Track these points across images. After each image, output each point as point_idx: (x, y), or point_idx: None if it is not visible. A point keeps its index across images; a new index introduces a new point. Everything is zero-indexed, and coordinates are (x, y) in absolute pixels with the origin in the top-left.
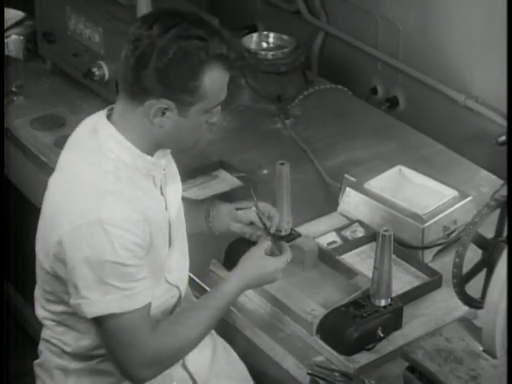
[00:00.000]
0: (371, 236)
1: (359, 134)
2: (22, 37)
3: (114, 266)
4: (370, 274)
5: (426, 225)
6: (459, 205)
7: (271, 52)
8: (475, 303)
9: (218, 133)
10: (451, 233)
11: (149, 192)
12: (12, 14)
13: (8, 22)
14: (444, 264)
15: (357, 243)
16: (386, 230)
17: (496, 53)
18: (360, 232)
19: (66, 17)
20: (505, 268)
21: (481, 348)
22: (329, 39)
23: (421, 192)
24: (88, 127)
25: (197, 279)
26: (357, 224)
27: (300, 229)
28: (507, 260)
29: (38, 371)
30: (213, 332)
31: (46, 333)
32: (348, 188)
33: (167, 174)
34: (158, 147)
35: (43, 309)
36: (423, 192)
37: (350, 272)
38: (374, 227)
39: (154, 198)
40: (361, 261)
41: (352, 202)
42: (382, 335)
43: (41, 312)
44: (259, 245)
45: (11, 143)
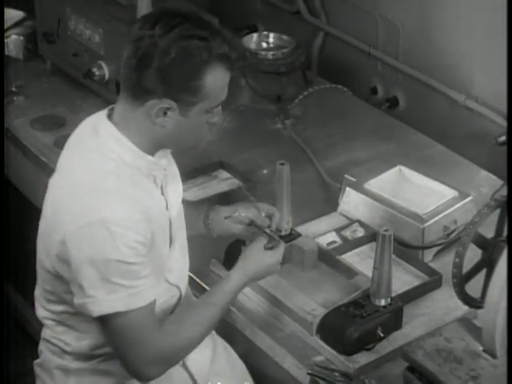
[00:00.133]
0: (371, 236)
1: (359, 134)
2: (22, 37)
3: (118, 265)
4: (370, 274)
5: (426, 225)
6: (459, 205)
7: (271, 52)
8: (475, 303)
9: (218, 133)
10: (451, 233)
11: (150, 192)
12: (12, 14)
13: (8, 22)
14: (444, 264)
15: (357, 243)
16: (386, 230)
17: (496, 53)
18: (360, 232)
19: (66, 17)
20: (505, 268)
21: (481, 348)
22: (329, 39)
23: (421, 192)
24: (88, 127)
25: (197, 279)
26: (357, 224)
27: (300, 229)
28: (507, 260)
29: (38, 371)
30: (213, 332)
31: (47, 332)
32: (348, 188)
33: (168, 174)
34: (159, 147)
35: (43, 308)
36: (423, 192)
37: (350, 272)
38: (374, 227)
39: (155, 198)
40: (361, 261)
41: (352, 202)
42: (382, 335)
43: (41, 312)
44: (256, 241)
45: (11, 143)
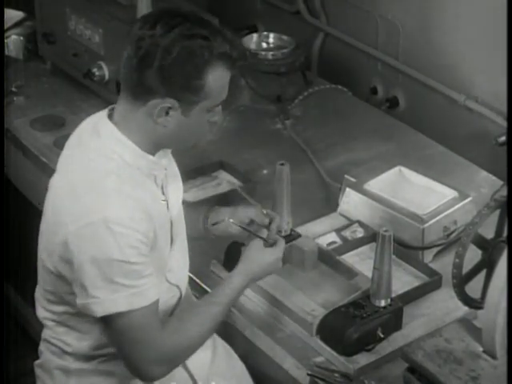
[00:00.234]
0: (371, 236)
1: (359, 135)
2: (22, 37)
3: (121, 265)
4: (370, 275)
5: (426, 225)
6: (459, 205)
7: (271, 52)
8: (475, 304)
9: (218, 133)
10: (451, 233)
11: (150, 191)
12: (12, 15)
13: (8, 23)
14: (444, 264)
15: (357, 243)
16: (386, 231)
17: (496, 53)
18: (360, 232)
19: (66, 17)
20: (505, 268)
21: (481, 349)
22: (329, 40)
23: (421, 192)
24: (89, 127)
25: (197, 280)
26: (357, 224)
27: (300, 229)
28: (507, 260)
29: (39, 372)
30: None
31: (47, 333)
32: (348, 188)
33: (168, 174)
34: (160, 147)
35: (44, 309)
36: (423, 192)
37: (350, 272)
38: (374, 228)
39: (156, 198)
40: (360, 261)
41: (352, 203)
42: (382, 336)
43: (42, 312)
44: (256, 240)
45: (11, 143)
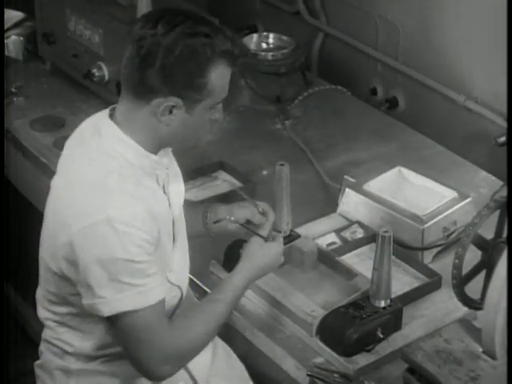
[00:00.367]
0: (371, 237)
1: (359, 135)
2: (22, 37)
3: (126, 264)
4: (370, 275)
5: (426, 226)
6: (459, 206)
7: (271, 53)
8: (475, 304)
9: (218, 133)
10: (451, 234)
11: (153, 191)
12: (12, 15)
13: (8, 23)
14: (443, 265)
15: (356, 244)
16: (386, 231)
17: (496, 53)
18: (359, 233)
19: (66, 18)
20: (504, 269)
21: (480, 349)
22: (328, 40)
23: (420, 193)
24: (90, 127)
25: (197, 280)
26: (356, 225)
27: (299, 230)
28: (507, 261)
29: (39, 372)
30: None
31: (48, 333)
32: (347, 189)
33: (170, 173)
34: (162, 146)
35: (45, 310)
36: (423, 193)
37: (350, 273)
38: (374, 228)
39: (158, 197)
40: (360, 262)
41: (351, 203)
42: (382, 336)
43: (43, 313)
44: (256, 237)
45: (11, 144)
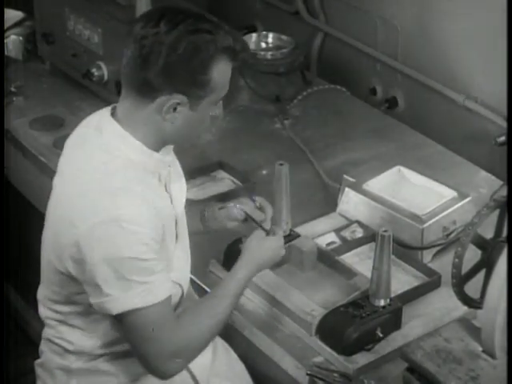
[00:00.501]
0: (370, 236)
1: (358, 135)
2: (22, 37)
3: (134, 262)
4: (369, 275)
5: (426, 225)
6: (458, 205)
7: (270, 52)
8: (474, 303)
9: (217, 133)
10: (450, 233)
11: (156, 189)
12: (11, 15)
13: (7, 23)
14: (443, 264)
15: (356, 244)
16: (385, 231)
17: (496, 53)
18: (359, 232)
19: (65, 17)
20: (504, 268)
21: (480, 348)
22: (328, 40)
23: (420, 192)
24: (91, 126)
25: (196, 280)
26: (356, 224)
27: (299, 229)
28: (507, 260)
29: (39, 371)
30: None
31: (49, 332)
32: (347, 188)
33: (172, 171)
34: (165, 144)
35: (47, 309)
36: (422, 192)
37: (349, 272)
38: (373, 228)
39: (162, 195)
40: (360, 261)
41: (351, 203)
42: (381, 335)
43: (44, 312)
44: (257, 230)
45: (11, 144)
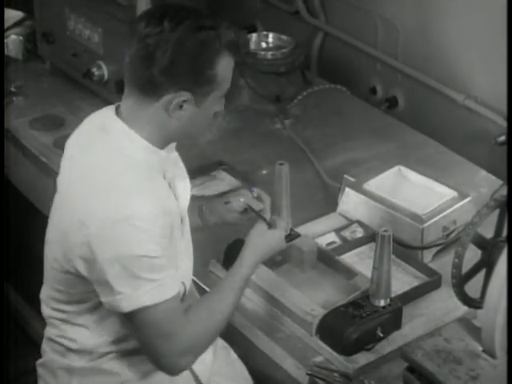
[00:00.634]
0: (370, 236)
1: (358, 134)
2: (22, 37)
3: (145, 260)
4: (370, 275)
5: (426, 225)
6: (458, 205)
7: (270, 52)
8: (474, 303)
9: (218, 133)
10: (450, 233)
11: (162, 186)
12: (11, 14)
13: (7, 22)
14: (443, 264)
15: (356, 243)
16: (386, 231)
17: (496, 52)
18: (359, 232)
19: (65, 17)
20: (504, 268)
21: (480, 348)
22: (328, 39)
23: (420, 192)
24: (94, 126)
25: (196, 279)
26: (356, 224)
27: (299, 229)
28: (507, 260)
29: (41, 371)
30: None
31: (51, 331)
32: (347, 188)
33: (176, 169)
34: (170, 141)
35: (50, 308)
36: (422, 192)
37: (350, 272)
38: (374, 227)
39: (167, 193)
40: (360, 261)
41: (351, 203)
42: (382, 335)
43: (47, 311)
44: (259, 222)
45: (11, 143)
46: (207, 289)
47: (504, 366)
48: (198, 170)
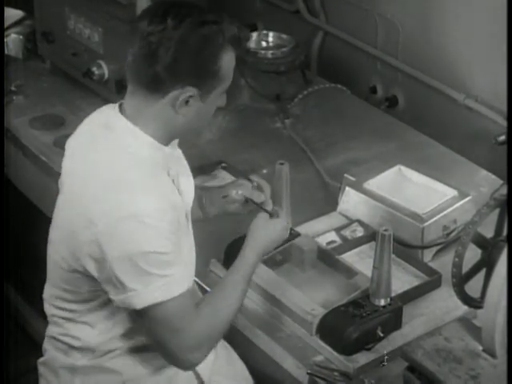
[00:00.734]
0: (371, 235)
1: (359, 134)
2: (22, 36)
3: (155, 256)
4: (370, 274)
5: (426, 224)
6: (459, 204)
7: (271, 51)
8: (475, 303)
9: (218, 133)
10: (451, 232)
11: (168, 183)
12: (11, 13)
13: (7, 21)
14: (443, 263)
15: (356, 243)
16: (386, 230)
17: (496, 52)
18: (359, 231)
19: (66, 16)
20: (504, 267)
21: (480, 348)
22: (328, 38)
23: (420, 191)
24: (97, 124)
25: (196, 279)
26: (356, 223)
27: (299, 228)
28: (507, 259)
29: (42, 370)
30: None
31: (54, 330)
32: (347, 187)
33: (180, 166)
34: (174, 137)
35: (54, 307)
36: (423, 191)
37: (350, 272)
38: (374, 227)
39: (172, 189)
40: (360, 260)
41: (351, 202)
42: (382, 335)
43: (51, 310)
44: (261, 213)
45: (11, 143)
46: (208, 288)
47: (504, 366)
48: (199, 170)
